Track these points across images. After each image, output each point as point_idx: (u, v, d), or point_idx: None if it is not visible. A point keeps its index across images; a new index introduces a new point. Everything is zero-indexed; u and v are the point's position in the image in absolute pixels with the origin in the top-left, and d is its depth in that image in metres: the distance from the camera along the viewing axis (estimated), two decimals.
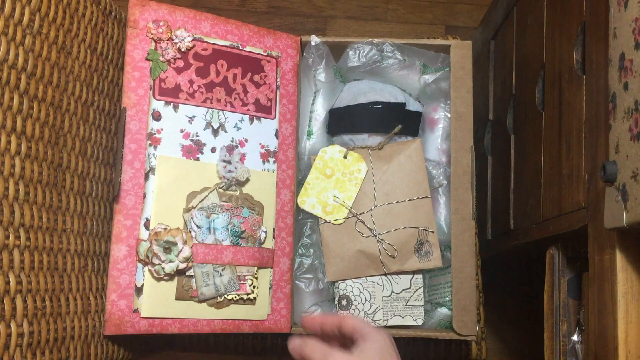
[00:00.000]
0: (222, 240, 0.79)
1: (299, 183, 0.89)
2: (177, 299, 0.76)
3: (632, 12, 0.58)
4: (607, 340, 0.64)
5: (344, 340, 0.64)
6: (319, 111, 0.94)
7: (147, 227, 0.76)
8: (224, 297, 0.79)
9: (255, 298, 0.81)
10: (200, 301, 0.77)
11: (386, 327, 0.87)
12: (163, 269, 0.75)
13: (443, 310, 0.87)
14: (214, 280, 0.77)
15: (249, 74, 0.84)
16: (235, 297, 0.79)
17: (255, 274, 0.81)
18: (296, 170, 0.88)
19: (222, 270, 0.78)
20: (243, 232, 0.80)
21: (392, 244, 0.86)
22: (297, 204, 0.87)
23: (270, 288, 0.83)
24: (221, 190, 0.80)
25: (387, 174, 0.88)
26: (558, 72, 0.81)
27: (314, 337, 0.63)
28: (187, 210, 0.78)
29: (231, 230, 0.79)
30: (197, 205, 0.78)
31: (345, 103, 0.93)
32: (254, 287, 0.80)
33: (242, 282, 0.80)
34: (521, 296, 1.37)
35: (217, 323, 0.79)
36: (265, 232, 0.83)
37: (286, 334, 0.92)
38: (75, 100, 0.73)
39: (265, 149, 0.84)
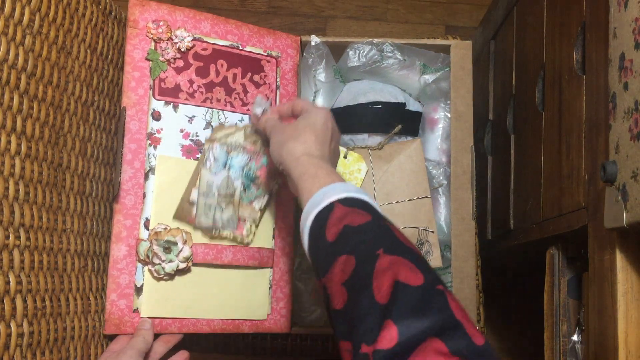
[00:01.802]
0: (235, 179, 0.78)
1: None
2: (174, 218, 0.77)
3: (632, 12, 0.58)
4: (607, 340, 0.64)
5: None
6: None
7: (147, 226, 0.76)
8: (219, 233, 0.79)
9: (249, 243, 0.80)
10: (195, 228, 0.77)
11: None
12: (163, 268, 0.75)
13: None
14: (214, 214, 0.77)
15: (249, 74, 0.84)
16: (230, 236, 0.79)
17: (257, 220, 0.81)
18: None
19: (225, 206, 0.78)
20: (257, 178, 0.80)
21: None
22: (297, 204, 0.87)
23: (270, 288, 0.83)
24: (248, 132, 0.80)
25: (387, 174, 0.88)
26: (558, 72, 0.81)
27: (271, 116, 0.76)
28: (211, 140, 0.78)
29: (246, 172, 0.79)
30: (221, 138, 0.78)
31: (345, 103, 0.93)
32: (251, 231, 0.80)
33: (241, 223, 0.80)
34: (521, 296, 1.37)
35: (217, 323, 0.79)
36: (278, 185, 0.82)
37: (286, 334, 0.92)
38: (75, 100, 0.73)
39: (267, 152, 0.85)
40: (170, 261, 0.75)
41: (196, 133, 0.80)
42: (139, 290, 0.75)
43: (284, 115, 0.76)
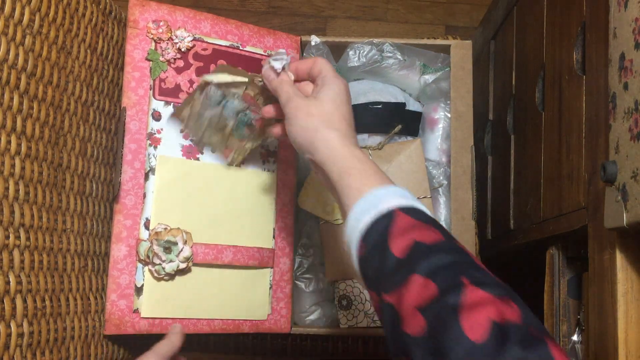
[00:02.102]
0: (228, 118, 0.75)
1: (299, 183, 0.89)
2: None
3: (632, 12, 0.58)
4: (607, 340, 0.64)
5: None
6: None
7: (147, 227, 0.76)
8: (203, 146, 0.79)
9: (229, 165, 0.81)
10: (181, 131, 0.78)
11: None
12: (164, 268, 0.75)
13: None
14: (203, 132, 0.77)
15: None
16: (214, 151, 0.80)
17: (243, 154, 0.80)
18: (296, 170, 0.88)
19: (214, 133, 0.77)
20: (252, 125, 0.76)
21: None
22: (297, 204, 0.87)
23: (270, 288, 0.83)
24: (255, 84, 0.73)
25: (387, 174, 0.88)
26: (558, 72, 0.81)
27: (288, 78, 0.66)
28: (207, 82, 0.73)
29: (241, 117, 0.75)
30: (220, 85, 0.73)
31: None
32: (235, 160, 0.80)
33: (227, 150, 0.80)
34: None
35: (217, 323, 0.79)
36: (276, 146, 0.81)
37: (286, 334, 0.92)
38: (75, 100, 0.73)
39: (265, 149, 0.84)
40: (171, 261, 0.75)
41: None
42: (139, 290, 0.75)
43: (301, 77, 0.68)
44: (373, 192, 0.54)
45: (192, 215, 0.78)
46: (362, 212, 0.53)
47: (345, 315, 0.87)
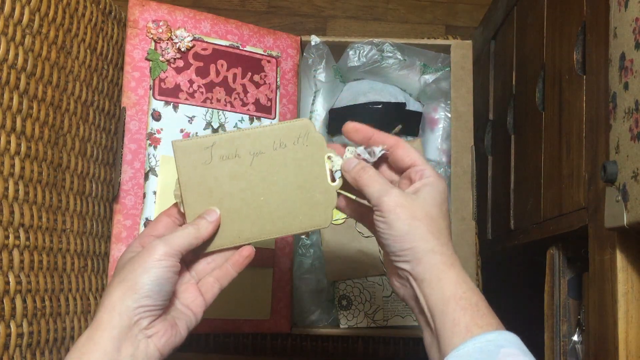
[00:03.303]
0: None
1: None
2: None
3: (632, 12, 0.58)
4: (607, 340, 0.64)
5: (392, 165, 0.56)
6: (319, 111, 0.94)
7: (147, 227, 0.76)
8: None
9: None
10: None
11: (386, 327, 0.87)
12: None
13: None
14: None
15: (249, 74, 0.84)
16: None
17: None
18: None
19: None
20: None
21: None
22: None
23: (270, 288, 0.83)
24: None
25: None
26: (558, 72, 0.81)
27: (371, 166, 0.55)
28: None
29: None
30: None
31: (345, 103, 0.93)
32: None
33: None
34: (521, 296, 1.36)
35: (217, 323, 0.79)
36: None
37: (286, 334, 0.92)
38: (75, 100, 0.73)
39: None
40: None
41: (196, 133, 0.80)
42: None
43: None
44: (488, 338, 0.47)
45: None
46: (470, 356, 0.46)
47: (345, 315, 0.87)
